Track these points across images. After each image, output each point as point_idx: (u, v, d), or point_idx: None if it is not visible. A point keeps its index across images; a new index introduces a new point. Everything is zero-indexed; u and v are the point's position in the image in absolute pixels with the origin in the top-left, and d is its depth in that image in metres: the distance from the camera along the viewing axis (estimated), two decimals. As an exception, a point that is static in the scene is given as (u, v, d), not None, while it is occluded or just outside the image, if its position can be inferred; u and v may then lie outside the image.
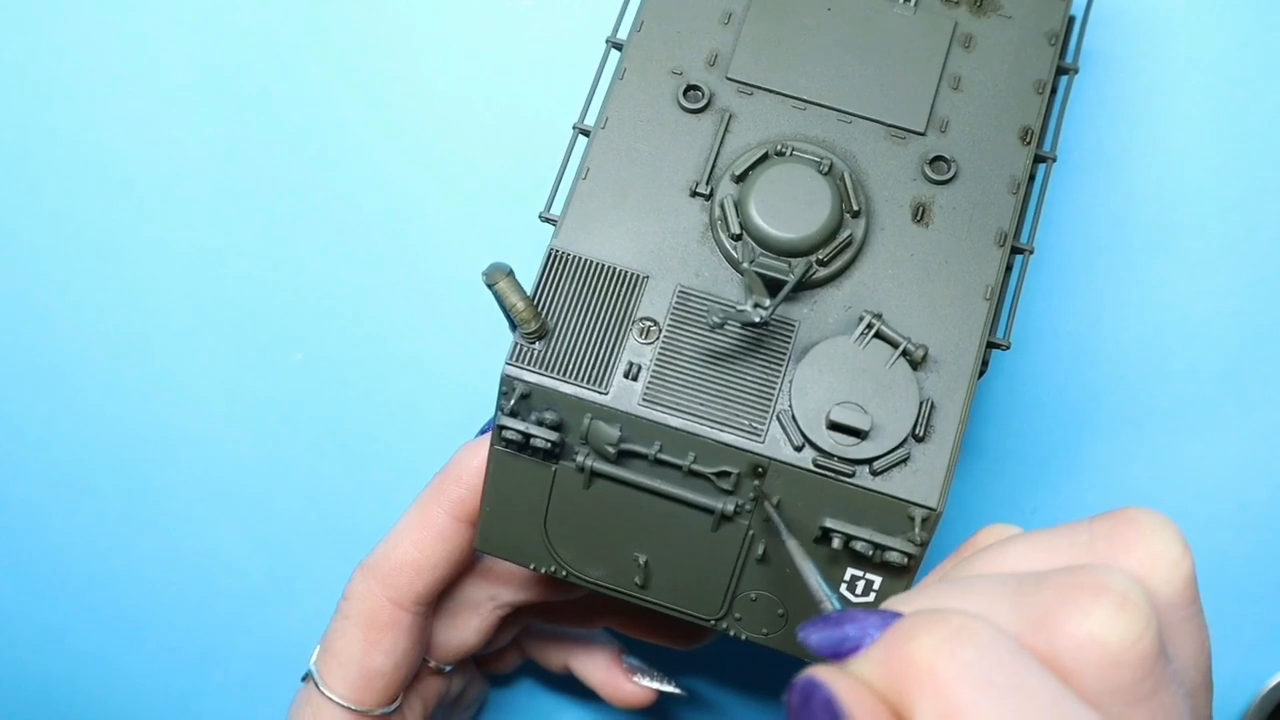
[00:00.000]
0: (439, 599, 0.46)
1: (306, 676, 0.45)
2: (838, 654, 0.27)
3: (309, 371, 0.57)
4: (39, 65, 0.57)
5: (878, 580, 0.38)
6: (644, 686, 0.50)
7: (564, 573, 0.41)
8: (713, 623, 0.40)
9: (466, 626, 0.47)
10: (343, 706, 0.44)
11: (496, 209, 0.56)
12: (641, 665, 0.51)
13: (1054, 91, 0.43)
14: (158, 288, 0.57)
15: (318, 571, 0.57)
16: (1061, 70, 0.43)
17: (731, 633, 0.41)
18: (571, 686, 0.55)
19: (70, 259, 0.57)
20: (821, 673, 0.27)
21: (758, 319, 0.36)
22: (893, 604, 0.28)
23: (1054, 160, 0.42)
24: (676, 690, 0.50)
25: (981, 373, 0.38)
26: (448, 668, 0.49)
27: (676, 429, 0.37)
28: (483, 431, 0.46)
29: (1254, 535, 0.54)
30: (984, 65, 0.41)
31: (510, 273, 0.38)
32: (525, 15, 0.56)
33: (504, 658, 0.53)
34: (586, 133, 0.42)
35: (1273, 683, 0.54)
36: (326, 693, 0.44)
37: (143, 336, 0.57)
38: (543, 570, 0.41)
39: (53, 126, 0.57)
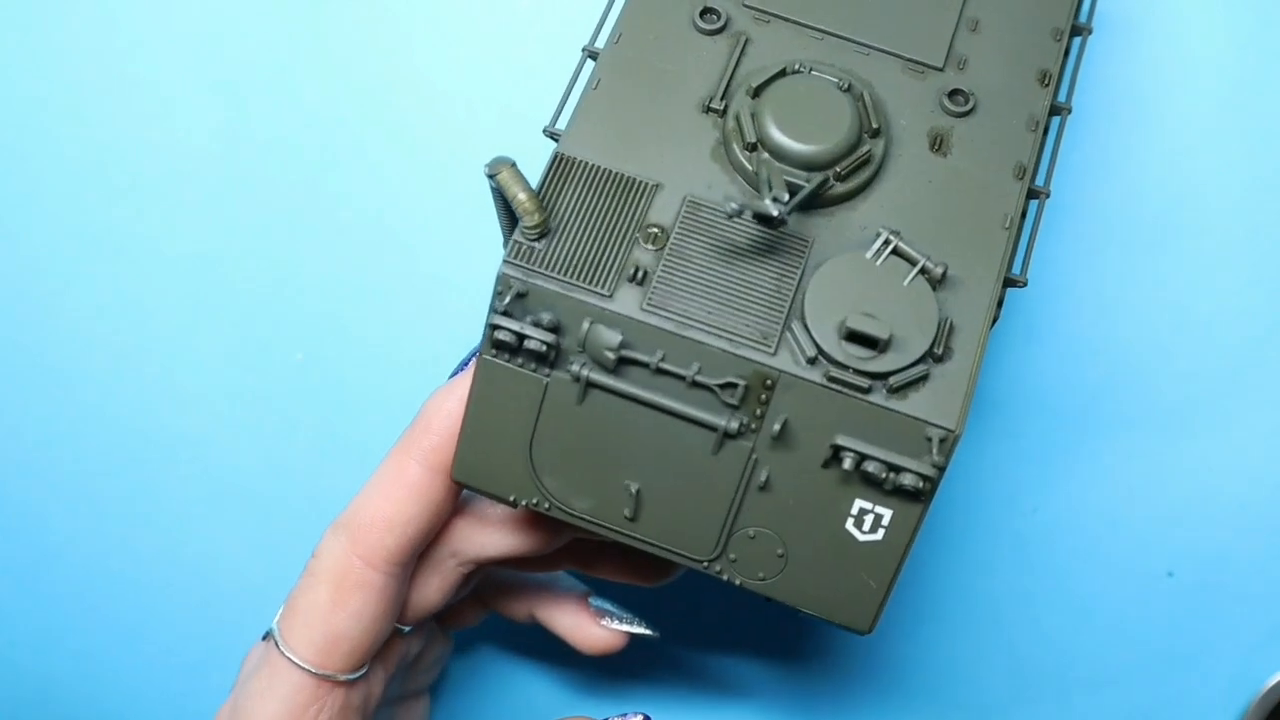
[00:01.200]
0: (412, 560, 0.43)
1: (267, 635, 0.43)
2: None
3: (309, 371, 0.57)
4: (39, 66, 0.57)
5: (887, 515, 0.36)
6: (614, 630, 0.47)
7: (546, 505, 0.38)
8: (705, 564, 0.38)
9: (427, 585, 0.45)
10: (303, 669, 0.41)
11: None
12: (610, 608, 0.48)
13: (1068, 52, 0.42)
14: (158, 288, 0.57)
15: (317, 572, 0.57)
16: (1075, 31, 0.42)
17: (725, 577, 0.39)
18: (538, 643, 0.54)
19: (70, 259, 0.57)
20: None
21: (775, 212, 0.35)
22: None
23: (1069, 112, 0.41)
24: (648, 632, 0.47)
25: (998, 315, 0.37)
26: (406, 629, 0.46)
27: (681, 336, 0.35)
28: (455, 374, 0.44)
29: (1254, 535, 0.54)
30: (1002, 9, 0.41)
31: (514, 164, 0.36)
32: (525, 16, 0.56)
33: (465, 613, 0.51)
34: (596, 56, 0.41)
35: (1272, 682, 0.54)
36: (286, 653, 0.41)
37: (143, 336, 0.57)
38: (523, 503, 0.39)
39: (53, 127, 0.57)
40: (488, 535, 0.44)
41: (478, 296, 0.56)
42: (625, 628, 0.47)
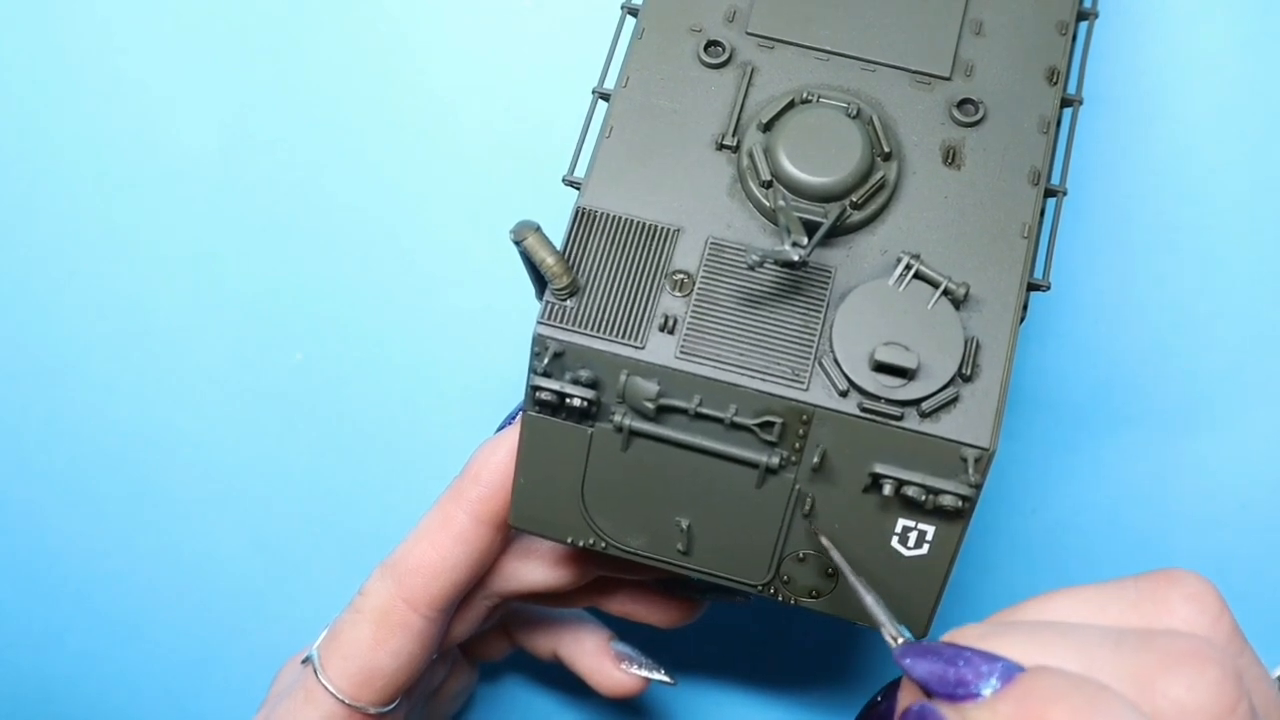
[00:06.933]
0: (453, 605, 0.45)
1: (306, 660, 0.45)
2: (951, 695, 0.29)
3: (309, 371, 0.57)
4: (39, 66, 0.57)
5: (930, 530, 0.37)
6: (633, 675, 0.49)
7: (603, 544, 0.40)
8: (759, 588, 0.40)
9: (457, 618, 0.47)
10: (337, 699, 0.43)
11: (496, 209, 0.55)
12: (631, 653, 0.50)
13: (1073, 38, 0.42)
14: (158, 288, 0.57)
15: (316, 572, 0.57)
16: (1081, 16, 0.43)
17: (780, 599, 0.40)
18: (561, 681, 0.55)
19: (70, 259, 0.57)
20: (945, 710, 0.28)
21: (796, 257, 0.35)
22: (990, 642, 0.30)
23: (1080, 103, 0.41)
24: (666, 679, 0.49)
25: (1023, 317, 0.38)
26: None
27: (716, 380, 0.36)
28: (502, 428, 0.46)
29: (1254, 535, 0.54)
30: (1005, 8, 0.41)
31: (538, 228, 0.37)
32: (526, 16, 0.56)
33: (492, 646, 0.53)
34: (606, 97, 0.41)
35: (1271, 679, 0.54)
36: (324, 681, 0.43)
37: (142, 336, 0.57)
38: (580, 544, 0.40)
39: (53, 127, 0.57)
40: (527, 568, 0.45)
41: (477, 296, 0.56)
42: (645, 673, 0.49)
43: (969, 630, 0.30)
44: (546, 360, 0.37)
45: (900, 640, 0.33)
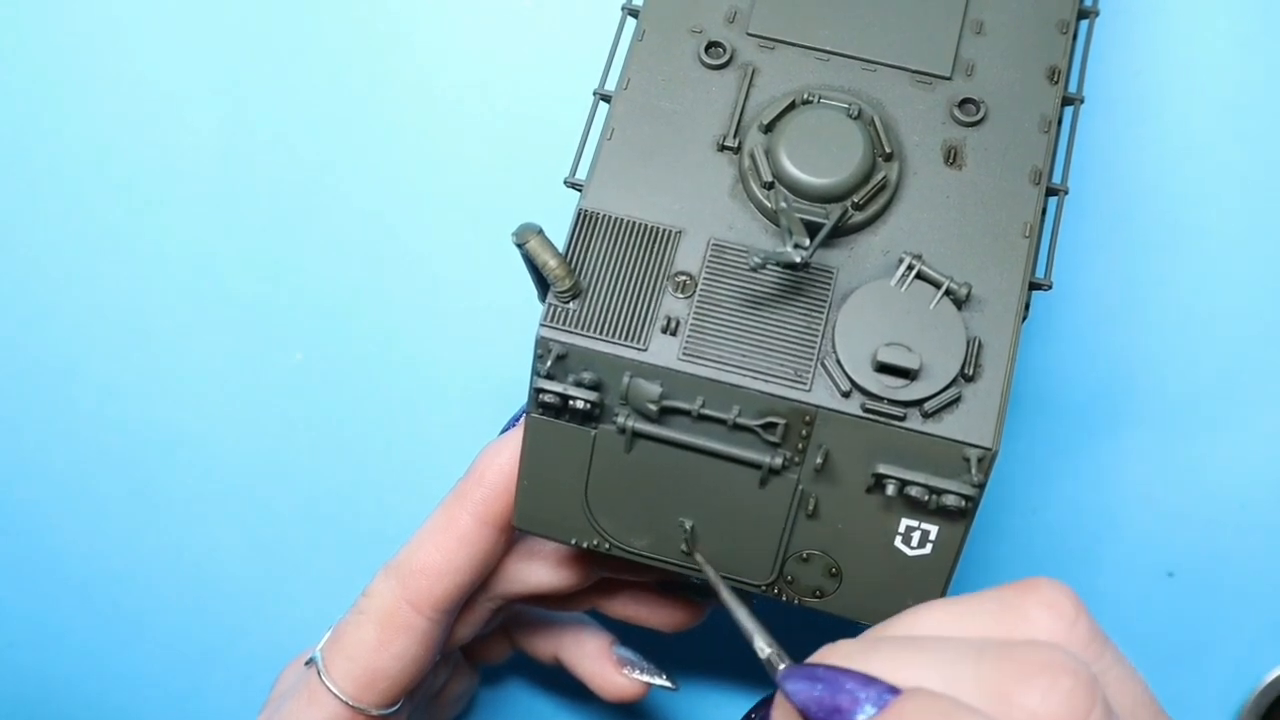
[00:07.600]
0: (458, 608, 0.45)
1: (310, 662, 0.45)
2: None
3: (309, 371, 0.57)
4: (39, 65, 0.57)
5: (933, 530, 0.37)
6: (634, 679, 0.49)
7: (606, 545, 0.40)
8: (763, 588, 0.40)
9: (459, 621, 0.47)
10: (341, 700, 0.43)
11: (496, 209, 0.55)
12: (633, 657, 0.50)
13: (1074, 36, 0.42)
14: (158, 287, 0.57)
15: (317, 572, 0.57)
16: (1082, 14, 0.43)
17: (784, 599, 0.40)
18: (562, 684, 0.55)
19: (70, 258, 0.57)
20: None
21: (798, 259, 0.36)
22: (860, 660, 0.30)
23: (1081, 101, 0.41)
24: (668, 684, 0.49)
25: (1025, 316, 0.38)
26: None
27: (719, 382, 0.37)
28: (506, 430, 0.46)
29: (1254, 535, 0.54)
30: (1005, 7, 0.41)
31: (540, 231, 0.37)
32: (526, 15, 0.56)
33: (492, 649, 0.53)
34: (608, 99, 0.41)
35: (1270, 678, 0.54)
36: (327, 682, 0.44)
37: (143, 336, 0.57)
38: (584, 545, 0.40)
39: (53, 126, 0.57)
40: (530, 570, 0.46)
41: (478, 297, 0.56)
42: (646, 678, 0.49)
43: (841, 646, 0.31)
44: (549, 363, 0.37)
45: (769, 651, 0.34)
